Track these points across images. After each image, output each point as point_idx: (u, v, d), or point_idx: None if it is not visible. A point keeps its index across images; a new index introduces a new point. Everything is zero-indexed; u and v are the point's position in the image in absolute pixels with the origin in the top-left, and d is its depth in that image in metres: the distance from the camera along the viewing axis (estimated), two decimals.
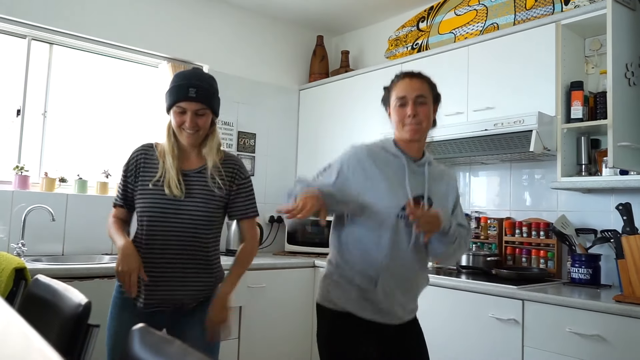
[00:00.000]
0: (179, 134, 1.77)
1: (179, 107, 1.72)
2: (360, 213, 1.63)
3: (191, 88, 1.71)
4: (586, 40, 2.66)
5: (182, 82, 1.74)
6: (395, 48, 3.58)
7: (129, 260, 1.65)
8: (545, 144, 2.41)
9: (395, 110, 1.69)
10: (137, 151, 1.82)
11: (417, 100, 1.65)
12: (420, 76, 1.71)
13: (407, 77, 1.70)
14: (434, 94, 1.71)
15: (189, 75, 1.77)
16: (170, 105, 1.75)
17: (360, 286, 1.61)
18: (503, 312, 2.25)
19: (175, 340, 0.87)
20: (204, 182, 1.77)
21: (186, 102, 1.71)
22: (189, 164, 1.80)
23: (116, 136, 3.35)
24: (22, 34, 2.98)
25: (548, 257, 2.70)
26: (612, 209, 2.45)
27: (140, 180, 1.77)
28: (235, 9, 3.77)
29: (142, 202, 1.75)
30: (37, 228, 2.82)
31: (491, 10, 2.99)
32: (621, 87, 2.11)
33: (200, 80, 1.75)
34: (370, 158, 1.66)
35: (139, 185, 1.77)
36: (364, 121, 3.50)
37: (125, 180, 1.80)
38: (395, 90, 1.70)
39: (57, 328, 1.23)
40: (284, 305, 3.15)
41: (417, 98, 1.65)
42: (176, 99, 1.73)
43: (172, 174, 1.72)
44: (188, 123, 1.72)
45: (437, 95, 1.73)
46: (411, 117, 1.64)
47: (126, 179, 1.80)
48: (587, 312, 1.99)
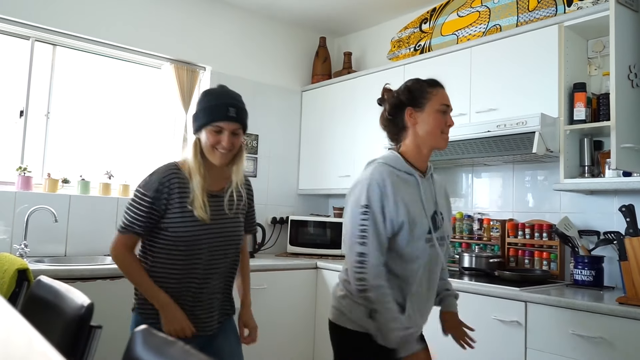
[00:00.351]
0: (211, 153, 1.68)
1: (217, 126, 1.65)
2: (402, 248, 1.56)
3: (231, 108, 1.67)
4: (589, 42, 2.65)
5: (220, 101, 1.68)
6: (398, 49, 3.58)
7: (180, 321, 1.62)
8: (548, 146, 2.41)
9: (435, 116, 1.60)
10: (166, 174, 1.66)
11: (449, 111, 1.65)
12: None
13: (441, 87, 1.66)
14: None
15: (225, 95, 1.72)
16: (204, 125, 1.67)
17: None
18: (506, 314, 2.24)
19: (177, 342, 0.87)
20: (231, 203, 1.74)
21: (225, 122, 1.66)
22: (216, 184, 1.73)
23: (119, 137, 3.36)
24: (25, 35, 2.99)
25: (551, 259, 2.69)
26: (615, 210, 2.44)
27: (175, 207, 1.64)
28: (238, 10, 3.78)
29: (181, 230, 1.63)
30: (39, 229, 2.83)
31: (494, 11, 2.99)
32: (624, 89, 2.11)
33: (236, 99, 1.72)
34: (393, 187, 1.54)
35: (174, 212, 1.63)
36: (366, 123, 3.50)
37: (152, 207, 1.62)
38: (437, 95, 1.62)
39: (59, 329, 1.23)
40: (285, 306, 3.14)
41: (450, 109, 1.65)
42: (214, 118, 1.66)
43: (199, 195, 1.63)
44: (225, 143, 1.65)
45: None
46: (450, 127, 1.63)
47: (153, 205, 1.62)
48: (590, 314, 1.99)
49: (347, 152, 3.63)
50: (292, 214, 3.93)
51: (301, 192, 4.03)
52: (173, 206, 1.63)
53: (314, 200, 4.14)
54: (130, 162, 3.38)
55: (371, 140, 3.42)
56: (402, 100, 1.66)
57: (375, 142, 3.36)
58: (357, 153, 3.54)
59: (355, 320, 1.56)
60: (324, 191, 3.84)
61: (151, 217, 1.63)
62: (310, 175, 3.96)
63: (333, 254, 3.57)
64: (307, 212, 4.04)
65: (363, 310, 1.53)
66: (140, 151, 3.44)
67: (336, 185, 3.69)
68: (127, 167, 3.35)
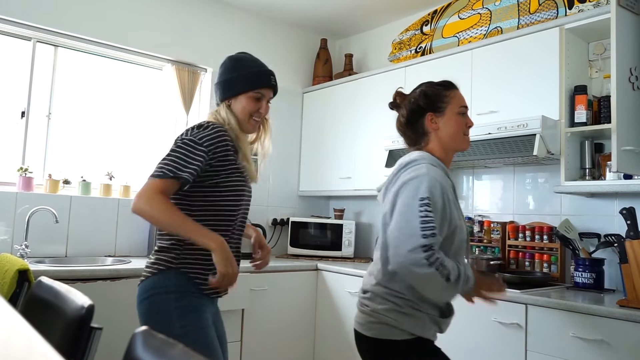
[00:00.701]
0: (246, 120, 1.68)
1: (259, 93, 1.67)
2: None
3: (272, 76, 1.70)
4: (590, 45, 2.65)
5: (262, 68, 1.71)
6: (399, 51, 3.58)
7: (233, 263, 1.53)
8: (549, 148, 2.41)
9: (456, 119, 1.62)
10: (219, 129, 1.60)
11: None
12: None
13: (456, 88, 1.69)
14: None
15: (260, 62, 1.74)
16: (245, 90, 1.66)
17: (429, 313, 1.56)
18: (506, 317, 2.24)
19: (177, 343, 0.87)
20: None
21: (267, 89, 1.69)
22: None
23: (120, 138, 3.37)
24: (27, 36, 3.00)
25: (551, 261, 2.69)
26: (616, 213, 2.44)
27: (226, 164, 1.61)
28: (239, 11, 3.78)
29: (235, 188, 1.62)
30: (40, 229, 2.83)
31: (495, 14, 2.99)
32: (625, 92, 2.11)
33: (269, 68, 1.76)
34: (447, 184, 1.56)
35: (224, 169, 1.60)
36: (367, 124, 3.50)
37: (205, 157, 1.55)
38: (455, 97, 1.65)
39: (60, 330, 1.23)
40: (286, 308, 3.14)
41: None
42: (257, 84, 1.67)
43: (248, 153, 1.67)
44: (264, 110, 1.70)
45: None
46: (469, 127, 1.65)
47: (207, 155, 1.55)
48: (591, 317, 1.99)
49: (347, 153, 3.63)
50: (293, 215, 3.93)
51: (302, 194, 4.04)
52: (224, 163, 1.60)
53: (315, 201, 4.14)
54: (131, 163, 3.39)
55: (372, 142, 3.43)
56: (421, 105, 1.65)
57: (375, 144, 3.37)
58: (358, 155, 3.55)
59: (408, 329, 1.53)
60: (324, 193, 3.84)
61: (200, 167, 1.54)
62: (311, 177, 3.96)
63: (333, 255, 3.57)
64: (307, 213, 4.04)
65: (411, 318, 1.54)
66: (141, 152, 3.44)
67: (337, 187, 3.69)
68: (128, 168, 3.35)
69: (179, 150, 1.54)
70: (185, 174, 1.50)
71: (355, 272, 3.02)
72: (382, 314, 1.55)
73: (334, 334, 3.14)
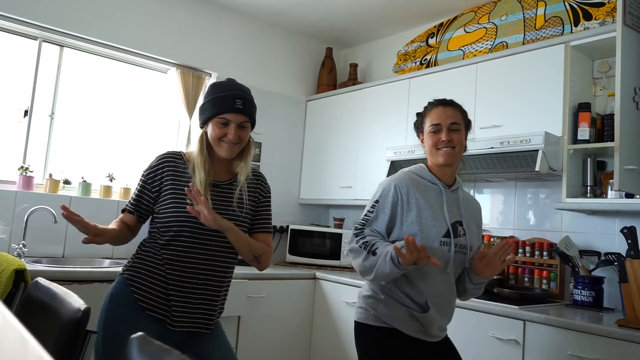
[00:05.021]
0: (217, 146, 1.67)
1: (223, 118, 1.64)
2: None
3: (237, 100, 1.65)
4: (595, 62, 2.66)
5: (226, 92, 1.66)
6: (404, 63, 3.59)
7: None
8: (551, 164, 2.41)
9: (429, 136, 1.77)
10: (163, 159, 1.70)
11: (451, 127, 1.74)
12: (453, 104, 1.80)
13: (440, 105, 1.79)
14: (466, 121, 1.81)
15: (231, 86, 1.69)
16: (211, 117, 1.66)
17: (409, 307, 1.67)
18: (504, 332, 2.22)
19: (173, 350, 0.86)
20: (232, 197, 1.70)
21: (231, 114, 1.64)
22: (220, 176, 1.72)
23: (122, 140, 3.36)
24: (33, 35, 3.01)
25: (551, 278, 2.67)
26: (617, 231, 2.43)
27: (168, 192, 1.65)
28: (245, 18, 3.80)
29: (170, 216, 1.62)
30: (38, 229, 2.82)
31: (501, 29, 3.00)
32: (629, 111, 2.10)
33: (244, 91, 1.70)
34: (414, 186, 1.71)
35: (164, 197, 1.65)
36: (370, 134, 3.50)
37: (144, 187, 1.68)
38: (429, 117, 1.78)
39: (54, 333, 1.22)
40: (283, 316, 3.13)
41: (451, 125, 1.74)
42: (220, 110, 1.64)
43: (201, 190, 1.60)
44: (231, 135, 1.64)
45: (468, 122, 1.83)
46: (445, 142, 1.73)
47: (145, 185, 1.68)
48: (589, 336, 1.97)
49: (349, 163, 3.63)
50: (293, 223, 3.92)
51: (302, 202, 4.03)
52: (165, 191, 1.65)
53: (315, 210, 4.14)
54: (133, 166, 3.38)
55: (374, 152, 3.42)
56: (415, 128, 1.89)
57: (377, 154, 3.37)
58: (360, 164, 3.54)
59: (380, 317, 1.68)
60: (325, 201, 3.84)
61: (142, 197, 1.69)
62: (312, 185, 3.95)
63: (332, 264, 3.56)
64: (307, 221, 4.03)
65: (386, 307, 1.67)
66: (143, 155, 3.44)
67: (337, 196, 3.69)
68: (129, 171, 3.35)
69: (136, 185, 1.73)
70: (129, 205, 1.72)
71: (353, 282, 3.01)
72: (363, 300, 1.74)
73: (330, 344, 3.12)
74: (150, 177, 1.68)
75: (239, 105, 1.65)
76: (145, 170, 1.71)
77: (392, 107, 3.35)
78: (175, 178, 1.66)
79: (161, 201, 1.66)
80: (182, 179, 1.66)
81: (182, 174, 1.67)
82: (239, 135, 1.66)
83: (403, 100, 3.28)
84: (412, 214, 1.67)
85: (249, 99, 1.69)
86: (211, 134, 1.67)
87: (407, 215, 1.67)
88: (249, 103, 1.69)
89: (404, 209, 1.67)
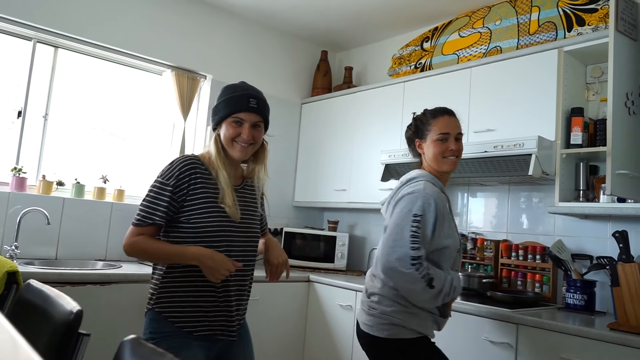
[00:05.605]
0: (230, 146, 1.65)
1: (237, 118, 1.62)
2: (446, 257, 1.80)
3: (252, 99, 1.64)
4: (587, 67, 2.68)
5: (241, 92, 1.65)
6: (399, 66, 3.60)
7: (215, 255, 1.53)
8: (544, 169, 2.42)
9: (435, 144, 1.82)
10: (189, 164, 1.60)
11: (457, 137, 1.85)
12: (455, 114, 1.89)
13: (446, 114, 1.85)
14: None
15: (245, 87, 1.69)
16: (225, 116, 1.64)
17: (434, 314, 1.78)
18: (497, 336, 2.23)
19: (166, 353, 0.86)
20: (251, 200, 1.71)
21: (246, 113, 1.63)
22: (236, 179, 1.71)
23: (117, 142, 3.36)
24: (27, 36, 3.00)
25: (543, 282, 2.69)
26: (609, 235, 2.45)
27: (200, 199, 1.58)
28: (241, 20, 3.80)
29: (202, 222, 1.58)
30: (31, 231, 2.80)
31: (495, 33, 3.02)
32: (621, 116, 2.12)
33: (257, 92, 1.69)
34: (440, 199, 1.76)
35: (195, 205, 1.58)
36: (364, 137, 3.51)
37: (172, 196, 1.57)
38: (436, 125, 1.84)
39: (46, 335, 1.21)
40: (277, 318, 3.12)
41: (457, 135, 1.85)
42: (234, 109, 1.62)
43: (229, 192, 1.59)
44: (245, 135, 1.62)
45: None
46: (453, 151, 1.81)
47: (173, 194, 1.57)
48: (581, 339, 1.98)
49: (344, 166, 3.64)
50: (287, 225, 3.92)
51: (297, 204, 4.03)
52: (195, 197, 1.58)
53: (309, 212, 4.14)
54: (127, 168, 3.37)
55: (368, 156, 3.43)
56: (411, 133, 1.92)
57: (372, 157, 3.37)
58: (354, 168, 3.55)
59: (415, 328, 1.72)
60: (319, 204, 3.84)
61: (171, 206, 1.57)
62: (307, 188, 3.96)
63: (326, 267, 3.56)
64: (301, 224, 4.03)
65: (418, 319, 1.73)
66: (137, 157, 3.43)
67: (332, 199, 3.69)
68: (123, 173, 3.34)
69: (150, 193, 1.60)
70: (156, 218, 1.57)
71: (347, 285, 3.01)
72: (391, 315, 1.72)
73: (323, 346, 3.12)
74: (178, 184, 1.57)
75: (253, 105, 1.64)
76: (167, 178, 1.59)
77: (387, 111, 3.36)
78: (205, 184, 1.60)
79: (190, 210, 1.58)
80: (210, 183, 1.61)
81: (209, 179, 1.62)
82: (252, 135, 1.65)
83: (398, 103, 3.29)
84: (445, 226, 1.74)
85: (262, 99, 1.69)
86: (225, 135, 1.64)
87: (441, 227, 1.72)
88: (263, 103, 1.69)
89: (438, 223, 1.71)
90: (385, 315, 1.72)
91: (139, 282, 2.51)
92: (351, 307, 2.95)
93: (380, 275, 1.74)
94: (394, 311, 1.71)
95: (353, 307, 2.94)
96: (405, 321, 1.71)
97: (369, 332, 1.75)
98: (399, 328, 1.71)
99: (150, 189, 1.61)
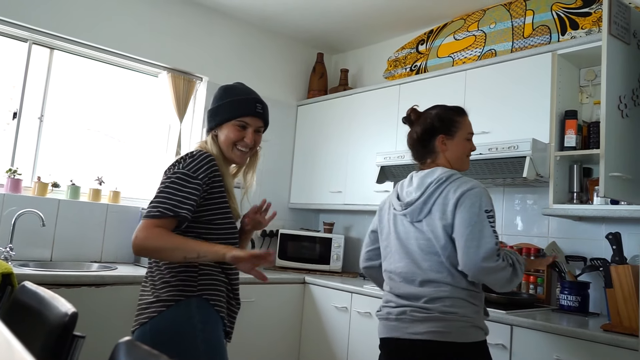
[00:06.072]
0: (230, 150, 1.62)
1: (242, 122, 1.60)
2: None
3: (258, 104, 1.62)
4: (581, 71, 2.70)
5: (246, 96, 1.63)
6: (394, 69, 3.61)
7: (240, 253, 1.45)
8: (539, 171, 2.44)
9: (465, 143, 1.78)
10: (211, 158, 1.54)
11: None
12: None
13: (466, 115, 1.83)
14: None
15: (249, 90, 1.67)
16: (229, 119, 1.60)
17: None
18: (491, 337, 2.22)
19: (161, 354, 0.86)
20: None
21: (252, 117, 1.61)
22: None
23: (112, 144, 3.35)
24: (23, 37, 2.99)
25: (537, 283, 2.70)
26: (602, 237, 2.46)
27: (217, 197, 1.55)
28: (237, 23, 3.80)
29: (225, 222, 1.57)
30: (26, 232, 2.80)
31: (490, 36, 3.04)
32: (614, 119, 2.14)
33: (259, 97, 1.68)
34: None
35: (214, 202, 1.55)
36: (360, 139, 3.52)
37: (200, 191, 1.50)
38: (466, 124, 1.80)
39: (41, 337, 1.21)
40: (272, 320, 3.12)
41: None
42: (241, 112, 1.60)
43: (232, 190, 1.60)
44: (249, 139, 1.61)
45: None
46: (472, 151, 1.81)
47: (201, 189, 1.50)
48: (575, 340, 1.99)
49: (339, 168, 3.64)
50: (282, 227, 3.92)
51: (292, 206, 4.03)
52: (215, 196, 1.54)
53: (305, 214, 4.14)
54: (122, 170, 3.37)
55: (364, 158, 3.44)
56: (436, 127, 1.76)
57: (367, 159, 3.38)
58: (350, 169, 3.56)
59: (484, 328, 1.68)
60: (315, 206, 3.84)
61: (196, 201, 1.48)
62: (302, 190, 3.96)
63: (322, 269, 3.56)
64: (297, 226, 4.04)
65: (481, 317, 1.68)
66: (133, 159, 3.43)
67: (327, 201, 3.70)
68: (118, 174, 3.34)
69: (174, 185, 1.47)
70: (184, 211, 1.44)
71: (342, 286, 3.01)
72: (472, 316, 1.63)
73: (319, 348, 3.12)
74: (205, 180, 1.51)
75: (259, 110, 1.63)
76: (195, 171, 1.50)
77: (382, 113, 3.38)
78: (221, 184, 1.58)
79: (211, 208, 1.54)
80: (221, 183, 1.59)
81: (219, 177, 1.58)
82: (254, 140, 1.64)
83: (393, 105, 3.30)
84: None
85: (265, 104, 1.69)
86: (226, 137, 1.61)
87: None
88: (266, 108, 1.68)
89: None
90: (467, 317, 1.61)
91: (134, 284, 2.51)
92: (346, 309, 2.95)
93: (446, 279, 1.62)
94: (473, 311, 1.64)
95: (348, 309, 2.94)
96: (479, 321, 1.65)
97: (445, 340, 1.58)
98: (477, 329, 1.63)
99: (173, 180, 1.47)
